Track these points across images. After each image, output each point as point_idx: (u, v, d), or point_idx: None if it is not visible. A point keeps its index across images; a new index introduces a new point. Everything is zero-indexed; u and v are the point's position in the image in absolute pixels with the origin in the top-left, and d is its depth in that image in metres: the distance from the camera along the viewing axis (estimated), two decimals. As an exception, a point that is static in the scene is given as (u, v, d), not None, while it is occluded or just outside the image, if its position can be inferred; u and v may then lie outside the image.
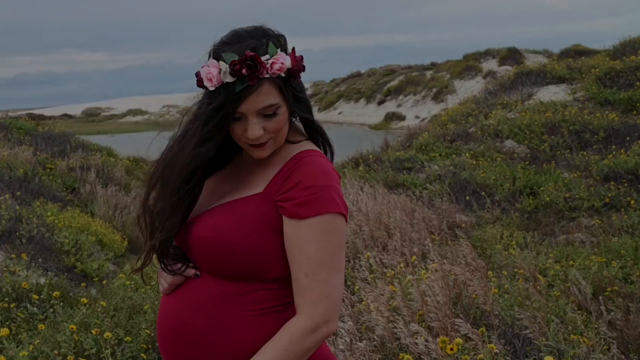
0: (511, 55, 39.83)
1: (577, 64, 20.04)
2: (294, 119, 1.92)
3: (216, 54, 1.77)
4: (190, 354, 1.85)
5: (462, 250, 6.35)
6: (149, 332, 4.96)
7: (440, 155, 14.54)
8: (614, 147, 13.71)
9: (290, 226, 1.77)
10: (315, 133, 1.93)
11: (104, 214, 11.73)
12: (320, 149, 1.92)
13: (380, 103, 46.66)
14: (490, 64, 40.63)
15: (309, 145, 1.88)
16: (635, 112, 15.56)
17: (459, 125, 16.97)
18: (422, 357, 3.54)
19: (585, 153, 13.69)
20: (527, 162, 13.55)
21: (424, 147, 15.12)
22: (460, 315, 3.82)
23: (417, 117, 38.58)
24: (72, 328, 4.68)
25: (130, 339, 4.81)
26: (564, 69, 19.73)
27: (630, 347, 4.85)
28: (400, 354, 3.49)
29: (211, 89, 1.76)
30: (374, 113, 45.75)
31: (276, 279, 1.81)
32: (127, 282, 6.71)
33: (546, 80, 19.46)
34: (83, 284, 7.53)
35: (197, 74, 1.79)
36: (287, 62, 1.77)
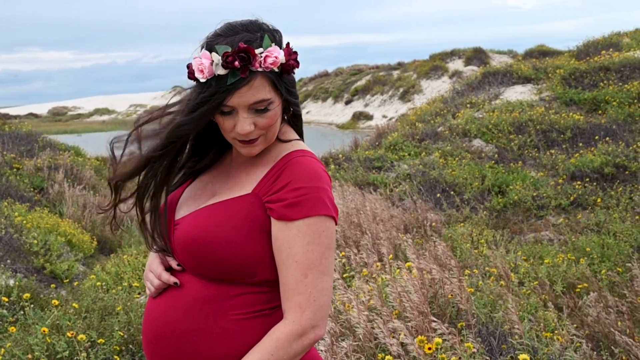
0: (477, 56, 40.22)
1: (542, 65, 20.29)
2: (286, 117, 1.88)
3: (209, 45, 1.72)
4: (175, 357, 1.80)
5: (435, 249, 6.39)
6: (122, 334, 4.91)
7: (409, 154, 14.60)
8: (580, 145, 13.92)
9: (278, 228, 1.72)
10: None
11: (72, 214, 11.62)
12: None
13: (347, 102, 46.72)
14: (457, 64, 40.92)
15: (300, 145, 1.84)
16: (599, 112, 15.81)
17: (428, 124, 17.06)
18: (401, 357, 3.56)
19: (552, 152, 13.89)
20: (495, 161, 13.69)
21: (393, 146, 15.17)
22: (438, 315, 3.85)
23: (384, 116, 38.71)
24: (44, 331, 4.62)
25: (103, 341, 4.75)
26: (529, 69, 19.96)
27: (601, 344, 4.93)
28: (379, 354, 3.51)
29: (202, 80, 1.71)
30: (341, 112, 45.79)
31: (264, 282, 1.77)
32: (98, 284, 6.65)
33: (512, 81, 19.67)
34: (53, 285, 7.44)
35: (189, 66, 1.75)
36: (281, 56, 1.72)
